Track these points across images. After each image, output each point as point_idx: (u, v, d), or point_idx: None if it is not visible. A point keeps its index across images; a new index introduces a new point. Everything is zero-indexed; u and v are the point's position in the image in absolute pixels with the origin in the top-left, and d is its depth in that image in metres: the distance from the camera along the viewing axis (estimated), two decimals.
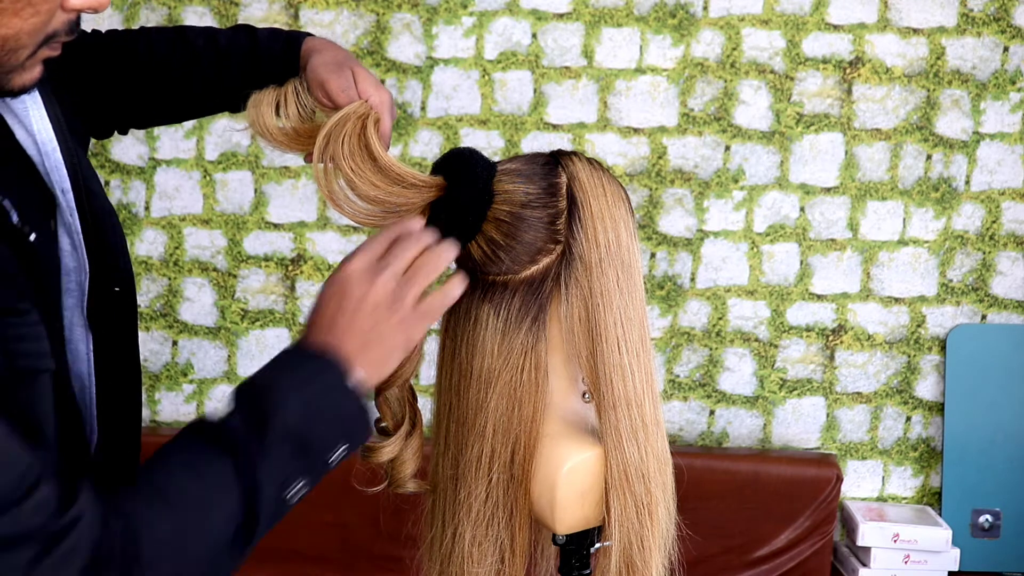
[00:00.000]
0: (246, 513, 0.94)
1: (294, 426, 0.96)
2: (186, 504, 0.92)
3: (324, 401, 0.98)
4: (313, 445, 0.97)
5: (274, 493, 0.95)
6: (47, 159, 1.11)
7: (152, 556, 0.89)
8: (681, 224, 2.65)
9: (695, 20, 2.58)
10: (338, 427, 0.99)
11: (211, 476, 0.94)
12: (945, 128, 2.64)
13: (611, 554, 1.14)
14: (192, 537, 0.92)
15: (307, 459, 0.97)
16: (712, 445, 2.75)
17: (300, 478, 0.97)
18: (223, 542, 0.93)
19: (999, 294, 2.71)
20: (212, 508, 0.93)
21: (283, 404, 0.96)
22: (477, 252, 1.14)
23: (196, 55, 1.35)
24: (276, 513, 0.97)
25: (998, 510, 2.70)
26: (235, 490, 0.93)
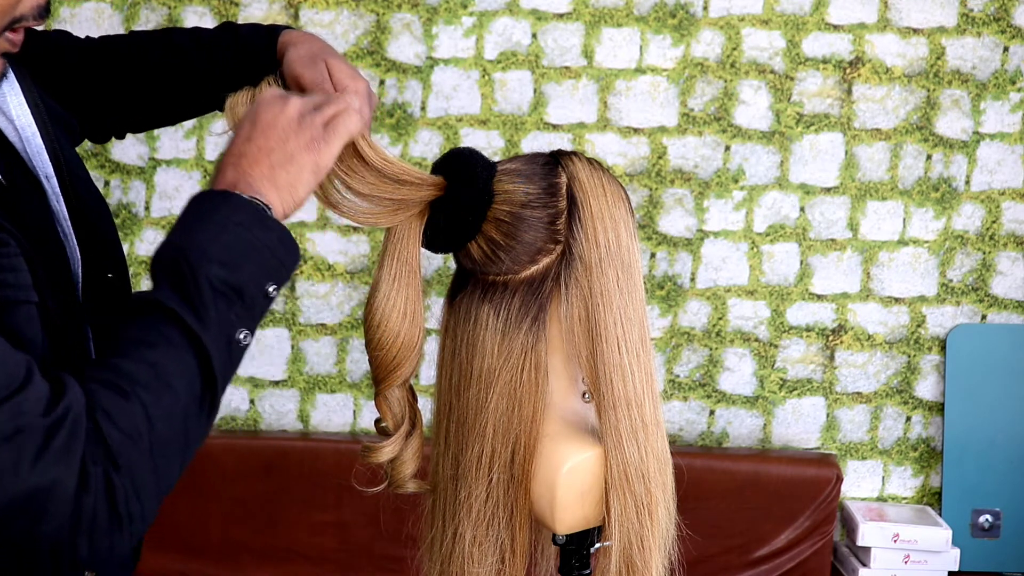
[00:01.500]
0: (204, 376, 0.95)
1: (222, 278, 0.96)
2: (145, 379, 0.93)
3: (243, 243, 0.98)
4: (246, 289, 0.97)
5: (224, 347, 0.96)
6: (28, 145, 1.11)
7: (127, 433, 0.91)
8: (681, 224, 2.65)
9: (695, 20, 2.58)
10: (264, 262, 0.99)
11: (163, 349, 0.94)
12: (945, 128, 2.64)
13: (611, 554, 1.15)
14: (164, 410, 0.93)
15: (243, 303, 0.98)
16: (712, 445, 2.75)
17: (243, 324, 0.98)
18: (192, 406, 0.95)
19: (999, 294, 2.71)
20: (171, 377, 0.94)
21: (204, 257, 0.95)
22: (477, 252, 1.14)
23: (182, 54, 1.36)
24: (232, 365, 0.99)
25: (998, 510, 2.70)
26: (188, 355, 0.94)
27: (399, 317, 1.13)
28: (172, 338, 0.94)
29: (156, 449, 0.93)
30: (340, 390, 2.70)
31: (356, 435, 2.71)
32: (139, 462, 0.91)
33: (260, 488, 2.58)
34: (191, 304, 0.94)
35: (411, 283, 1.14)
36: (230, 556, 2.58)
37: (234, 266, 0.96)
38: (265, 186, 1.01)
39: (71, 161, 1.17)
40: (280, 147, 1.02)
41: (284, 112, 1.03)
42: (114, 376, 0.93)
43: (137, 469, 0.91)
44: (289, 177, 1.02)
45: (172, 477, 0.96)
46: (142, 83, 1.37)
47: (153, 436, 0.92)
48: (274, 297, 1.01)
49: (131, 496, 0.91)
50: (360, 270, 2.65)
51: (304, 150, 1.02)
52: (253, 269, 0.98)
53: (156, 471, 0.93)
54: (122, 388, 0.92)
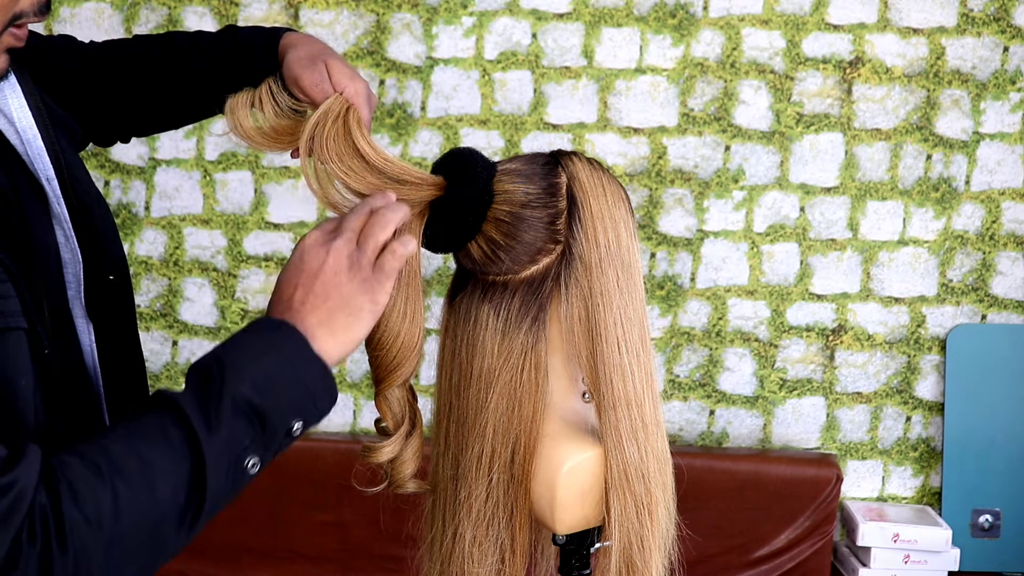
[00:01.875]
0: (194, 488, 0.91)
1: (248, 399, 0.93)
2: (129, 471, 0.89)
3: (281, 370, 0.95)
4: (269, 418, 0.95)
5: (225, 467, 0.93)
6: (29, 147, 1.11)
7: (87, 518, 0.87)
8: (681, 224, 2.65)
9: (695, 20, 2.58)
10: (298, 398, 0.97)
11: (159, 447, 0.91)
12: (945, 128, 2.64)
13: (611, 554, 1.14)
14: (137, 508, 0.89)
15: (264, 431, 0.95)
16: (712, 445, 2.75)
17: (256, 452, 0.95)
18: (168, 514, 0.91)
19: (999, 294, 2.71)
20: (156, 478, 0.90)
21: (237, 374, 0.93)
22: (477, 252, 1.14)
23: (182, 56, 1.36)
24: (231, 488, 0.95)
25: (998, 510, 2.70)
26: (182, 463, 0.91)
27: (399, 317, 1.13)
28: (173, 439, 0.91)
29: (115, 545, 0.88)
30: (340, 390, 2.70)
31: (356, 435, 2.71)
32: (92, 551, 0.87)
33: (260, 488, 2.57)
34: (206, 412, 0.92)
35: (411, 283, 1.13)
36: (230, 556, 2.58)
37: (265, 392, 0.94)
38: (321, 332, 0.99)
39: (72, 163, 1.17)
40: (335, 292, 1.00)
41: (330, 258, 1.01)
42: (99, 456, 0.89)
43: (85, 557, 0.86)
44: (349, 323, 1.00)
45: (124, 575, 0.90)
46: (144, 86, 1.37)
47: (116, 530, 0.88)
48: (296, 437, 0.98)
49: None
50: None
51: (359, 293, 1.01)
52: (284, 401, 0.95)
53: (108, 565, 0.88)
54: (100, 470, 0.88)
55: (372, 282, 1.02)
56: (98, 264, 1.15)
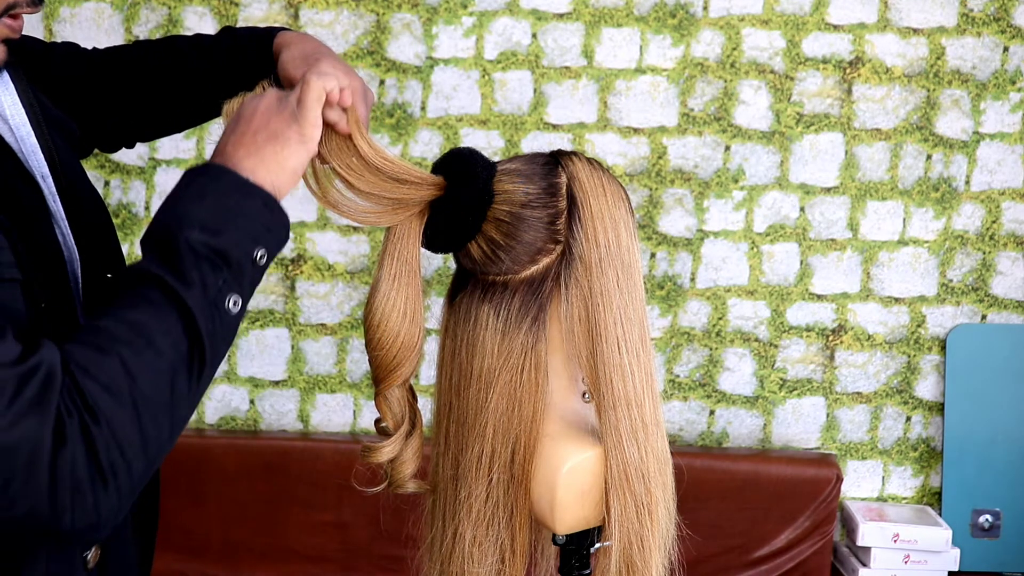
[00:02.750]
0: (189, 335, 0.94)
1: (202, 242, 0.95)
2: (125, 336, 0.92)
3: (224, 206, 0.98)
4: (231, 253, 0.97)
5: (211, 311, 0.95)
6: (23, 144, 1.11)
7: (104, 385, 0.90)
8: (681, 224, 2.65)
9: (695, 20, 2.58)
10: (249, 227, 0.99)
11: (144, 309, 0.93)
12: (945, 128, 2.64)
13: (611, 554, 1.14)
14: (145, 365, 0.92)
15: (230, 268, 0.97)
16: (712, 445, 2.75)
17: (232, 290, 0.97)
18: (177, 363, 0.94)
19: (999, 294, 2.71)
20: (152, 335, 0.92)
21: (184, 224, 0.96)
22: (477, 252, 1.14)
23: (181, 59, 1.36)
24: (224, 329, 0.97)
25: (998, 510, 2.70)
26: (170, 315, 0.93)
27: (399, 317, 1.13)
28: (153, 299, 0.94)
29: (139, 403, 0.91)
30: (340, 390, 2.70)
31: (356, 435, 2.71)
32: (120, 415, 0.90)
33: (260, 488, 2.58)
34: (172, 267, 0.94)
35: (411, 283, 1.13)
36: (230, 556, 2.58)
37: (215, 231, 0.96)
38: (251, 161, 1.02)
39: (66, 162, 1.17)
40: (263, 127, 1.04)
41: (263, 99, 1.07)
42: (92, 335, 0.92)
43: (118, 422, 0.90)
44: (276, 150, 1.03)
45: (161, 435, 0.94)
46: (144, 89, 1.38)
47: (134, 390, 0.91)
48: (264, 264, 1.00)
49: (112, 448, 0.89)
50: (360, 270, 2.65)
51: (287, 125, 1.04)
52: (237, 234, 0.98)
53: (140, 426, 0.91)
54: (100, 345, 0.91)
55: (297, 114, 1.05)
56: (96, 262, 1.15)
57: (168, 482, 1.31)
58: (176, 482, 2.46)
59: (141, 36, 2.55)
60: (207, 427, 2.71)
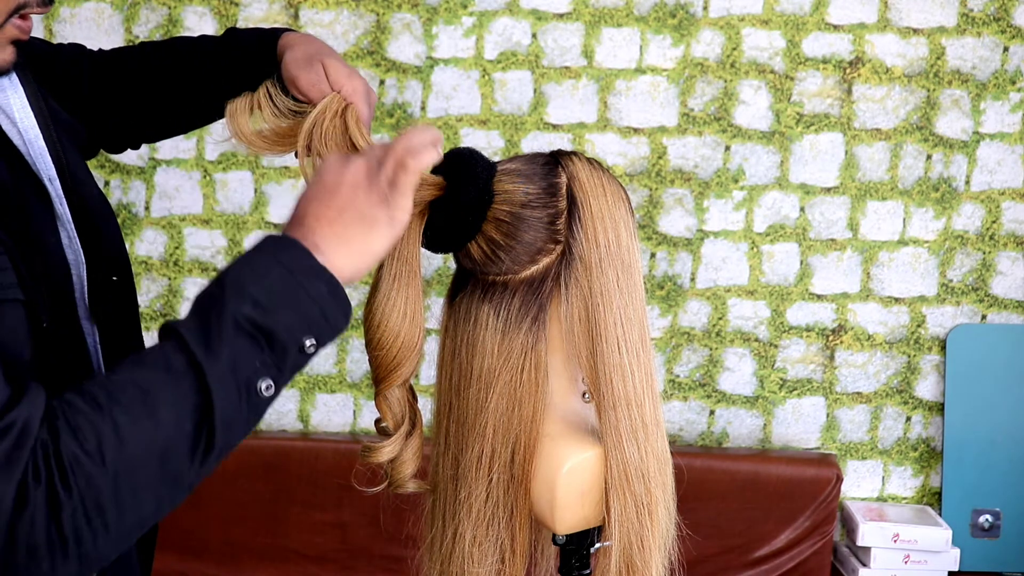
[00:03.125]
0: (201, 413, 0.88)
1: (251, 318, 0.89)
2: (128, 399, 0.86)
3: (286, 286, 0.91)
4: (277, 335, 0.90)
5: (235, 390, 0.89)
6: (31, 147, 1.11)
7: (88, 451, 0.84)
8: (681, 224, 2.65)
9: (695, 20, 2.58)
10: (306, 312, 0.92)
11: (158, 374, 0.88)
12: (945, 128, 2.64)
13: (611, 554, 1.14)
14: (139, 436, 0.86)
15: (272, 350, 0.90)
16: (712, 445, 2.75)
17: (268, 373, 0.90)
18: (176, 441, 0.87)
19: (999, 294, 2.71)
20: (157, 404, 0.86)
21: (238, 294, 0.89)
22: (477, 252, 1.14)
23: (185, 61, 1.36)
24: (247, 413, 0.91)
25: (998, 510, 2.70)
26: (186, 387, 0.87)
27: (399, 317, 1.13)
28: (173, 366, 0.88)
29: (122, 476, 0.85)
30: (340, 390, 2.70)
31: (356, 435, 2.71)
32: (98, 484, 0.84)
33: (260, 488, 2.58)
34: (206, 335, 0.88)
35: (411, 283, 1.13)
36: (230, 556, 2.58)
37: (269, 309, 0.90)
38: (333, 244, 0.94)
39: (74, 164, 1.17)
40: (351, 206, 0.96)
41: (349, 168, 0.98)
42: (98, 390, 0.87)
43: (92, 489, 0.84)
44: (364, 233, 0.96)
45: (141, 511, 0.88)
46: (149, 91, 1.37)
47: (120, 461, 0.85)
48: (311, 354, 0.93)
49: (79, 516, 0.84)
50: None
51: (376, 207, 0.96)
52: (291, 317, 0.91)
53: (117, 498, 0.85)
54: (99, 403, 0.86)
55: (389, 196, 0.97)
56: (101, 265, 1.15)
57: None
58: None
59: (141, 36, 2.55)
60: None
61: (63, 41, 1.51)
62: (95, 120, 1.36)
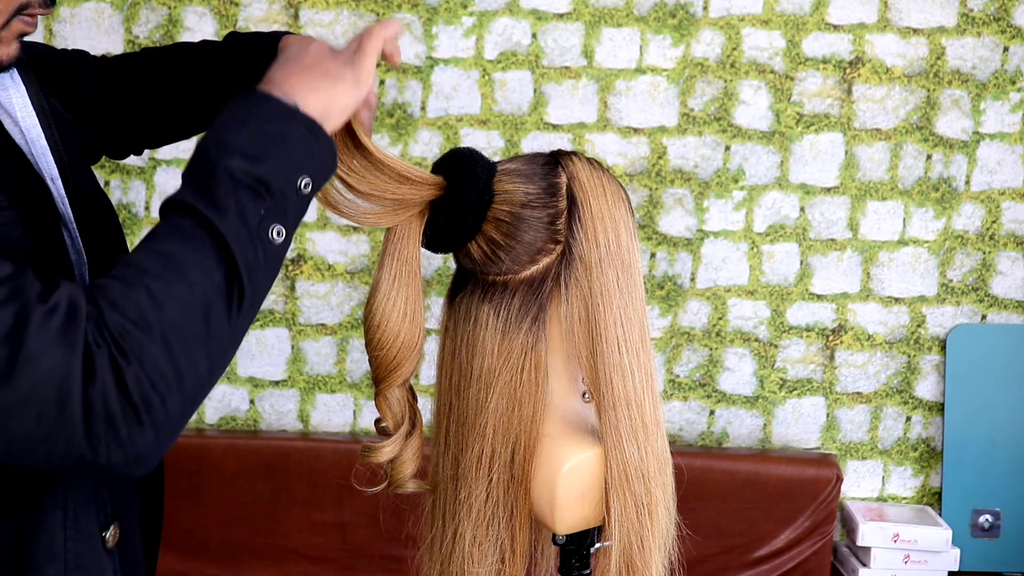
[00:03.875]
0: (226, 266, 0.91)
1: (244, 169, 0.92)
2: (153, 269, 0.90)
3: (267, 132, 0.94)
4: (273, 181, 0.94)
5: (248, 238, 0.92)
6: (33, 146, 1.11)
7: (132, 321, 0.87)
8: (681, 224, 2.65)
9: (695, 20, 2.58)
10: (292, 154, 0.95)
11: (175, 240, 0.91)
12: (945, 128, 2.64)
13: (611, 554, 1.15)
14: (176, 297, 0.89)
15: (272, 196, 0.94)
16: (712, 445, 2.75)
17: (275, 220, 0.94)
18: (211, 296, 0.91)
19: (999, 294, 2.71)
20: (183, 266, 0.90)
21: (224, 150, 0.93)
22: (477, 252, 1.14)
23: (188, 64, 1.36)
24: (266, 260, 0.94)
25: (998, 510, 2.70)
26: (203, 246, 0.91)
27: (399, 317, 1.13)
28: (186, 228, 0.91)
29: (170, 336, 0.88)
30: (340, 390, 2.70)
31: (356, 435, 2.71)
32: (149, 348, 0.87)
33: (260, 488, 2.58)
34: (207, 195, 0.91)
35: (411, 283, 1.13)
36: (230, 556, 2.58)
37: (257, 158, 0.93)
38: (301, 91, 0.98)
39: (75, 165, 1.17)
40: (318, 65, 1.01)
41: (314, 42, 1.05)
42: (120, 270, 0.90)
43: (147, 355, 0.87)
44: (329, 85, 1.00)
45: (198, 369, 0.91)
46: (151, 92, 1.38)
47: (163, 323, 0.88)
48: (310, 194, 0.97)
49: (144, 382, 0.87)
50: (360, 270, 2.66)
51: (342, 67, 1.02)
52: (279, 161, 0.94)
53: (173, 360, 0.88)
54: (127, 279, 0.89)
55: (354, 58, 1.03)
56: (103, 265, 1.15)
57: (168, 482, 1.31)
58: (176, 482, 2.46)
59: (141, 36, 2.55)
60: (207, 427, 2.71)
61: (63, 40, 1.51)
62: (98, 123, 1.37)
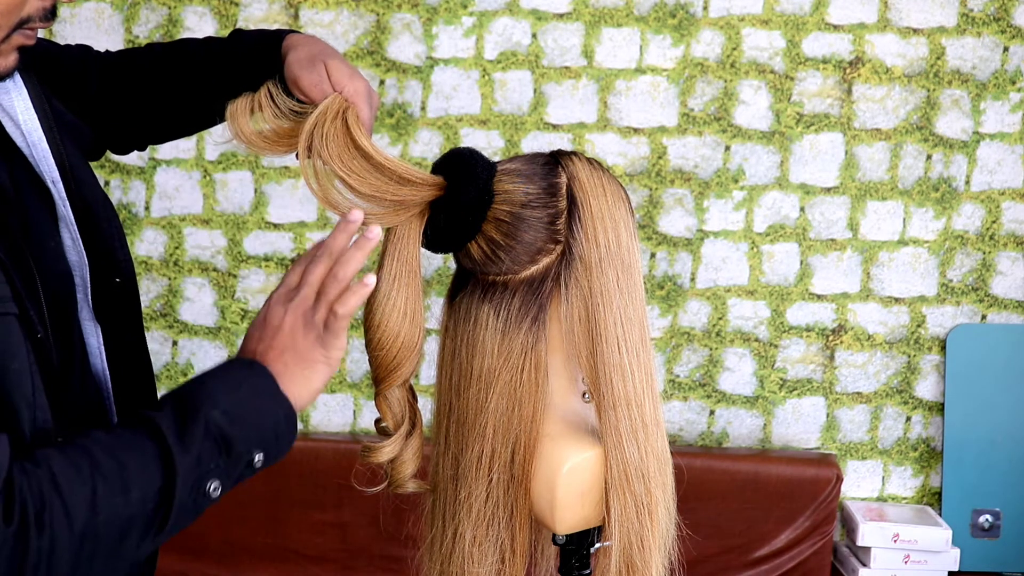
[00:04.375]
0: (162, 498, 0.95)
1: (219, 424, 0.98)
2: (107, 471, 0.93)
3: (252, 403, 1.01)
4: (235, 446, 0.99)
5: (192, 485, 0.97)
6: (34, 149, 1.11)
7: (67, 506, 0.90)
8: (681, 224, 2.65)
9: (695, 20, 2.58)
10: (263, 430, 1.01)
11: (135, 455, 0.95)
12: (945, 128, 2.64)
13: (611, 554, 1.14)
14: (106, 503, 0.92)
15: (229, 458, 0.99)
16: (712, 445, 2.75)
17: (218, 477, 0.99)
18: (137, 518, 0.94)
19: (999, 294, 2.71)
20: (131, 482, 0.94)
21: (211, 401, 0.98)
22: (477, 252, 1.14)
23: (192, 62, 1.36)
24: (193, 507, 0.98)
25: (998, 510, 2.70)
26: (155, 473, 0.95)
27: (399, 317, 1.13)
28: (148, 451, 0.95)
29: (87, 539, 0.91)
30: (340, 390, 2.70)
31: (356, 435, 2.71)
32: (65, 540, 0.90)
33: (260, 488, 2.57)
34: (180, 431, 0.96)
35: (411, 283, 1.13)
36: (230, 556, 2.58)
37: (234, 420, 0.99)
38: (283, 378, 1.04)
39: (77, 166, 1.17)
40: (291, 347, 1.05)
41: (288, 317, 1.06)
42: (80, 455, 0.93)
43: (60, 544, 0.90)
44: (305, 374, 1.05)
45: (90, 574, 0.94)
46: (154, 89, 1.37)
47: (90, 525, 0.91)
48: (257, 469, 1.03)
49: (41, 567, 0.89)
50: (360, 270, 2.65)
51: (314, 348, 1.06)
52: (250, 432, 1.00)
53: (77, 560, 0.91)
54: (81, 467, 0.92)
55: (326, 338, 1.06)
56: (104, 267, 1.15)
57: None
58: None
59: (141, 36, 2.55)
60: None
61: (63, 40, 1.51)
62: (101, 120, 1.37)
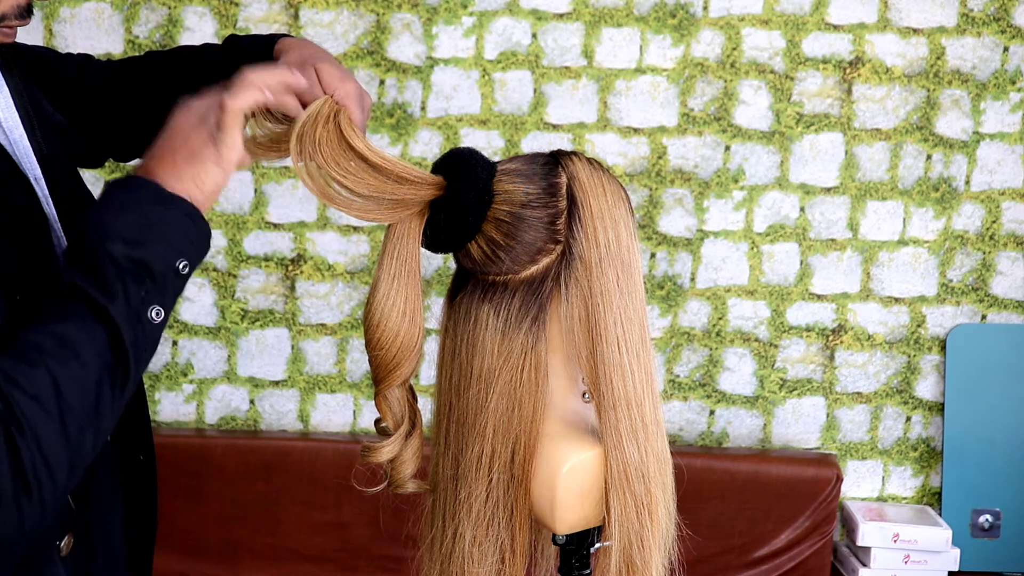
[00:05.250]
0: (114, 348, 0.95)
1: (125, 254, 0.96)
2: (51, 348, 0.93)
3: (145, 220, 0.99)
4: (153, 265, 0.98)
5: (133, 322, 0.96)
6: (16, 147, 1.11)
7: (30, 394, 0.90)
8: (681, 224, 2.65)
9: (695, 20, 2.58)
10: (170, 239, 0.99)
11: (70, 323, 0.94)
12: (945, 128, 2.64)
13: (611, 554, 1.14)
14: (72, 378, 0.92)
15: (153, 280, 0.98)
16: (712, 445, 2.75)
17: (154, 301, 0.98)
18: (102, 375, 0.95)
19: (999, 294, 2.71)
20: (78, 347, 0.93)
21: (106, 237, 0.96)
22: (477, 252, 1.14)
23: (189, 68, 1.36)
24: (146, 339, 0.98)
25: (998, 510, 2.70)
26: (96, 328, 0.94)
27: (399, 317, 1.13)
28: (79, 312, 0.95)
29: (66, 415, 0.92)
30: (340, 390, 2.70)
31: (356, 435, 2.71)
32: (46, 427, 0.90)
33: (260, 488, 2.58)
34: (95, 279, 0.95)
35: (411, 283, 1.13)
36: (230, 556, 2.58)
37: (137, 243, 0.97)
38: (170, 178, 1.02)
39: (61, 166, 1.17)
40: (183, 146, 1.04)
41: (187, 112, 1.06)
42: (18, 347, 0.93)
43: (44, 433, 0.90)
44: (193, 170, 1.03)
45: (84, 447, 0.94)
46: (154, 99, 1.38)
47: (61, 403, 0.91)
48: (187, 275, 1.01)
49: (37, 460, 0.90)
50: (360, 270, 2.66)
51: (204, 145, 1.04)
52: (159, 246, 0.98)
53: (67, 439, 0.92)
54: (27, 357, 0.92)
55: (216, 135, 1.04)
56: None
57: (168, 482, 1.31)
58: (176, 482, 2.46)
59: (141, 36, 2.55)
60: (207, 427, 2.71)
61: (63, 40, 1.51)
62: (102, 127, 1.37)
